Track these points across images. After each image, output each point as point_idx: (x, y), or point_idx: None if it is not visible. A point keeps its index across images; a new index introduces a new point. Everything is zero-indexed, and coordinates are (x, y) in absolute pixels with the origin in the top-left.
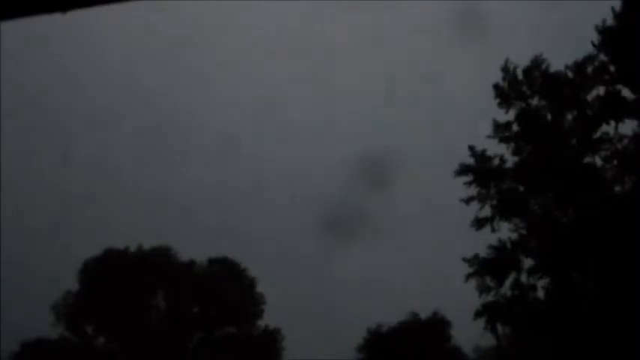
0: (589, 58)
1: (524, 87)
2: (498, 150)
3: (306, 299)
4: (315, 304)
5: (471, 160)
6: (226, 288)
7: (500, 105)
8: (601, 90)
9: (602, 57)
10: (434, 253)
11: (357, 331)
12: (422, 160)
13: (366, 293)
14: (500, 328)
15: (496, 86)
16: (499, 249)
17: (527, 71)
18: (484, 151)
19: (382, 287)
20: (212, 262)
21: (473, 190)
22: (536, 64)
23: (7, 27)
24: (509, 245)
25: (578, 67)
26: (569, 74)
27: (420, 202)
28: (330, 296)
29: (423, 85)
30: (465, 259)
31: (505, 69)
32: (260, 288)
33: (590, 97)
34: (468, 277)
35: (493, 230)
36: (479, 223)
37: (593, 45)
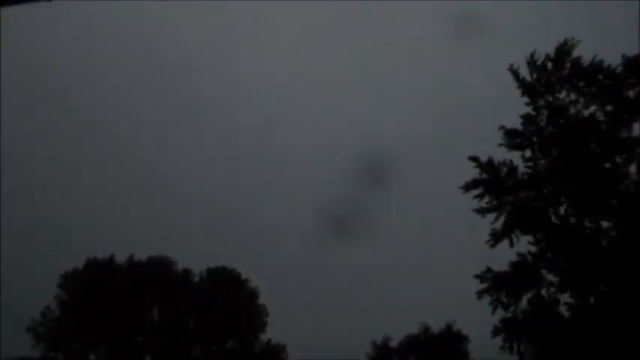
0: None
1: (553, 77)
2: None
3: (307, 303)
4: (316, 310)
5: (477, 173)
6: (226, 300)
7: (523, 95)
8: None
9: None
10: (438, 258)
11: (359, 336)
12: (422, 160)
13: (369, 297)
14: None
15: (517, 75)
16: (519, 263)
17: (556, 56)
18: (491, 159)
19: (384, 291)
20: (211, 272)
21: (485, 202)
22: (566, 49)
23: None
24: (529, 258)
25: (632, 61)
26: (617, 68)
27: (421, 203)
28: (332, 300)
29: (424, 85)
30: (476, 276)
31: (532, 61)
32: (262, 299)
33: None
34: (481, 293)
35: (512, 245)
36: (496, 237)
37: None
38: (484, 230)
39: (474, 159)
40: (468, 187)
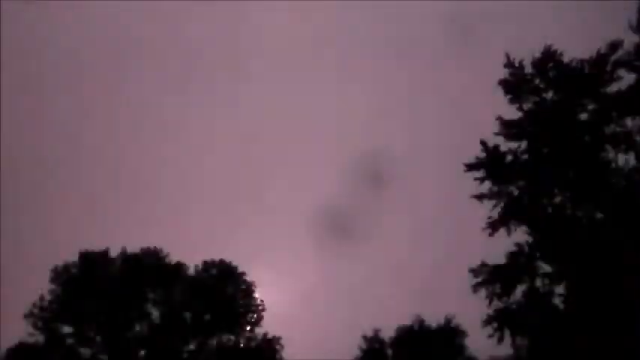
0: (613, 46)
1: (536, 81)
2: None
3: (306, 300)
4: (314, 305)
5: (482, 156)
6: (223, 293)
7: (511, 102)
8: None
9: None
10: (438, 254)
11: (356, 332)
12: (422, 159)
13: (366, 293)
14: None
15: (503, 82)
16: (515, 253)
17: (537, 62)
18: (497, 146)
19: (383, 288)
20: (207, 265)
21: (484, 187)
22: (548, 54)
23: None
24: (526, 249)
25: (599, 57)
26: (586, 65)
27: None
28: (330, 297)
29: (424, 84)
30: (471, 270)
31: (509, 64)
32: (259, 293)
33: (611, 89)
34: (476, 286)
35: (509, 234)
36: (493, 226)
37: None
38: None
39: (483, 143)
40: (470, 167)
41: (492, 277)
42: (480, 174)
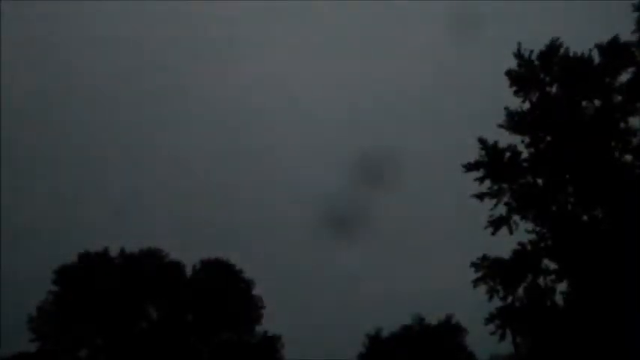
0: (617, 41)
1: (541, 74)
2: (510, 140)
3: (306, 300)
4: (314, 305)
5: (481, 155)
6: (221, 291)
7: (516, 94)
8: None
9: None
10: (438, 252)
11: (357, 332)
12: (423, 158)
13: (368, 293)
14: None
15: (510, 73)
16: (518, 251)
17: (543, 55)
18: (496, 143)
19: (384, 288)
20: (204, 263)
21: (485, 186)
22: (554, 47)
23: None
24: (529, 247)
25: (606, 48)
26: (595, 57)
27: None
28: (330, 296)
29: (424, 82)
30: (472, 264)
31: (519, 55)
32: (257, 291)
33: (617, 82)
34: (477, 281)
35: (511, 232)
36: (495, 224)
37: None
38: (485, 232)
39: (481, 141)
40: (469, 167)
41: (493, 272)
42: (479, 174)
